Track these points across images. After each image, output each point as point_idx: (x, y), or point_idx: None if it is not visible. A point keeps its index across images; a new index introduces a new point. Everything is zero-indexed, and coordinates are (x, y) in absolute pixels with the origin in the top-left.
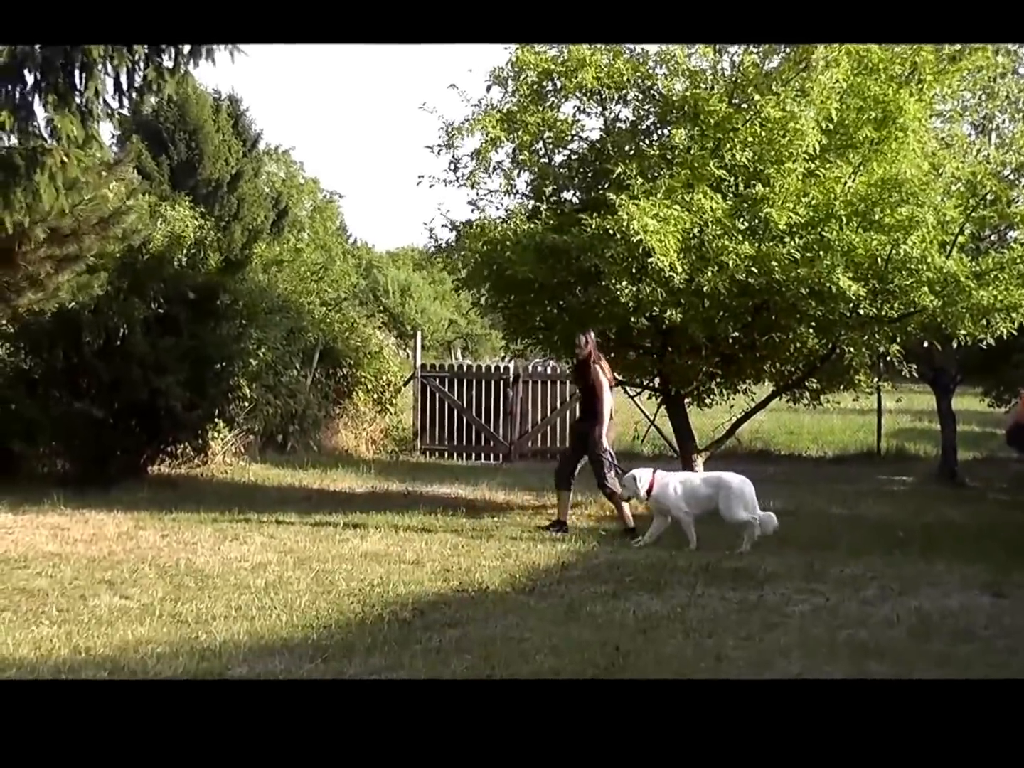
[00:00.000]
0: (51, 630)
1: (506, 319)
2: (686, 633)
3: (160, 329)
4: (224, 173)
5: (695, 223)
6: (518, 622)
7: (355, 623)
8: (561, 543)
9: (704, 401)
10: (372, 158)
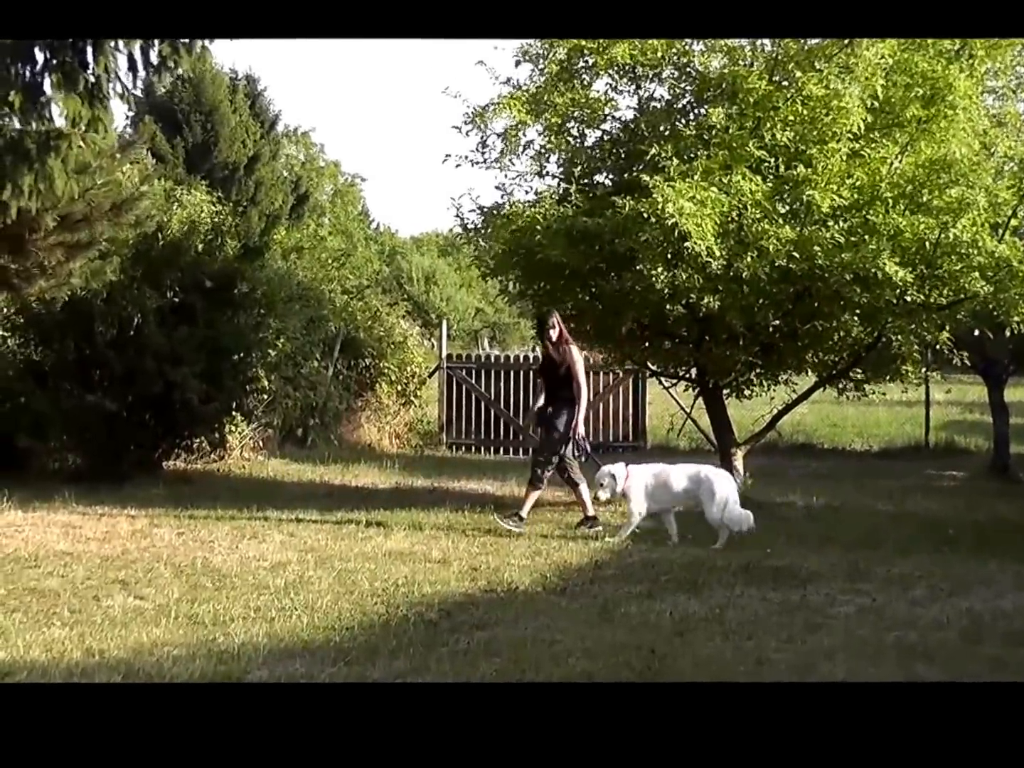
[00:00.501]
0: (63, 632)
1: (536, 307)
2: (725, 635)
3: (175, 319)
4: (241, 156)
5: (733, 206)
6: (549, 623)
7: (379, 625)
8: (594, 541)
9: (743, 392)
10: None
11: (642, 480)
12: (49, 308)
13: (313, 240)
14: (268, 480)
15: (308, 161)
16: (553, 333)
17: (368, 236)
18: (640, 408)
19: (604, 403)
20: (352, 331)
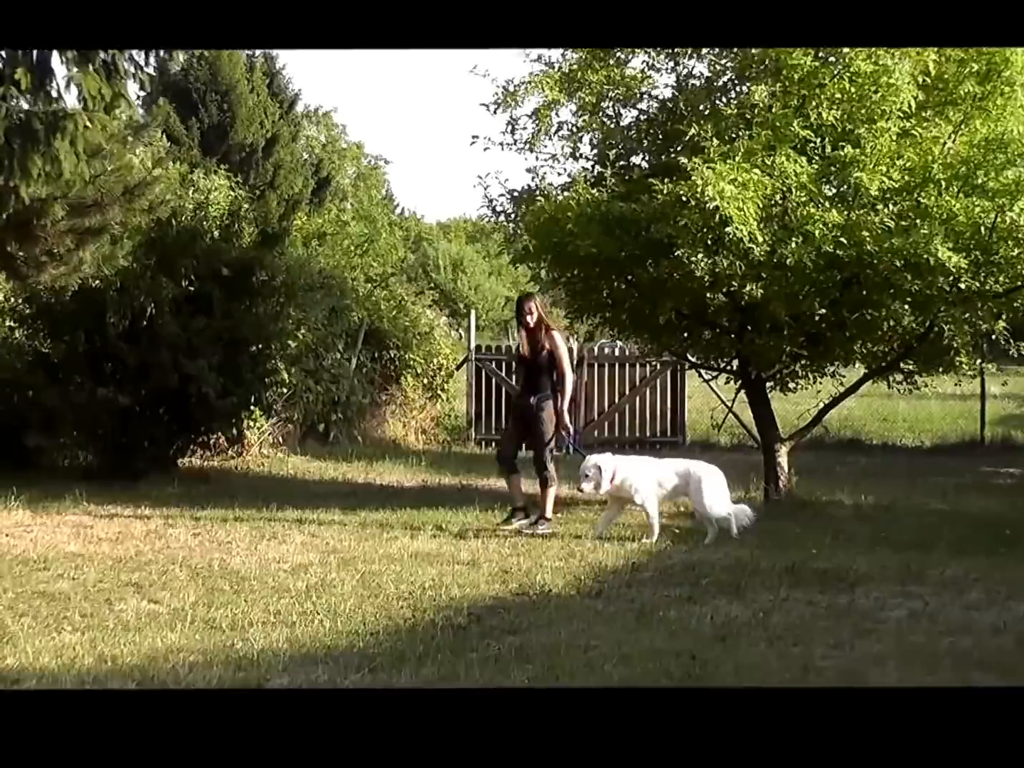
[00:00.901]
0: (74, 637)
1: (569, 296)
2: (769, 641)
3: (191, 309)
4: (259, 137)
5: (777, 189)
6: (584, 628)
7: (405, 630)
8: (631, 542)
9: (787, 385)
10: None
11: (639, 471)
12: (59, 298)
13: (335, 226)
14: (288, 478)
15: (329, 143)
16: (531, 319)
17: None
18: (679, 402)
19: (640, 397)
20: (376, 321)
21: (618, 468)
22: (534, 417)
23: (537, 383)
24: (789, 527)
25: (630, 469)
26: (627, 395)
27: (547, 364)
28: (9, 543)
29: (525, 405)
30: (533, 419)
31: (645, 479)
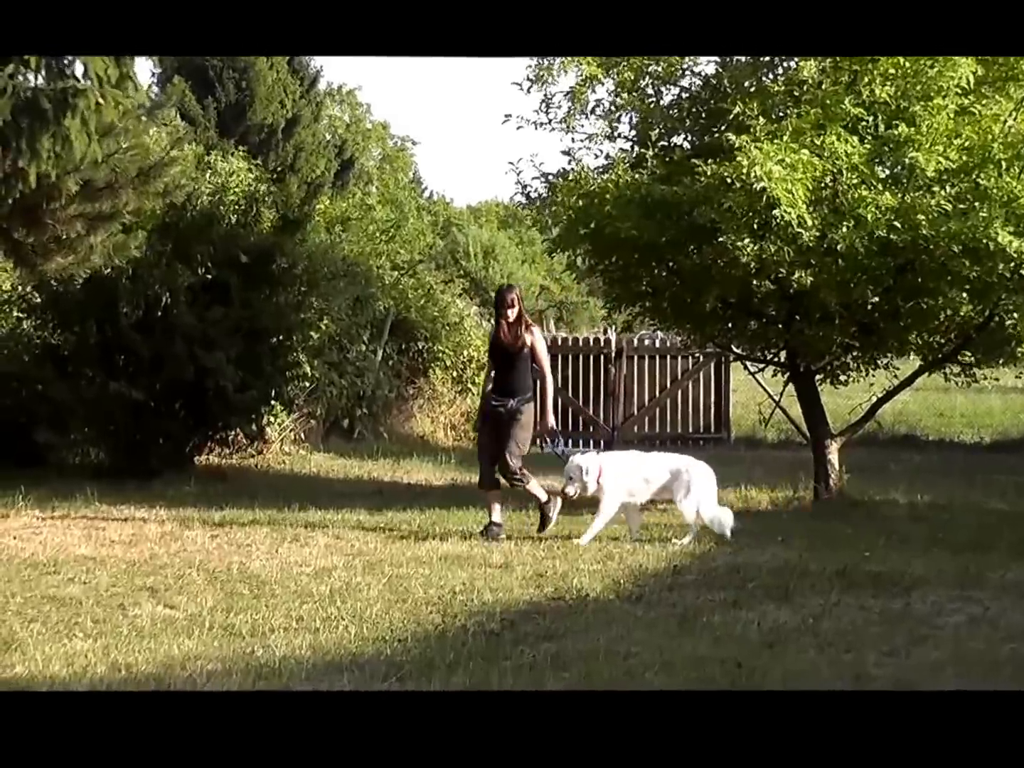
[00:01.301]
0: (86, 644)
1: (607, 284)
2: (819, 648)
3: (207, 298)
4: (279, 117)
5: (827, 170)
6: (623, 634)
7: (434, 636)
8: (671, 544)
9: (838, 378)
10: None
11: (617, 472)
12: (68, 287)
13: (359, 210)
14: (311, 476)
15: (353, 123)
16: (512, 312)
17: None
18: (723, 396)
19: (682, 391)
20: (403, 311)
21: (604, 467)
22: (512, 421)
23: (515, 382)
24: (840, 528)
25: (615, 467)
26: (668, 389)
27: (525, 361)
28: (17, 545)
29: (504, 408)
30: (510, 423)
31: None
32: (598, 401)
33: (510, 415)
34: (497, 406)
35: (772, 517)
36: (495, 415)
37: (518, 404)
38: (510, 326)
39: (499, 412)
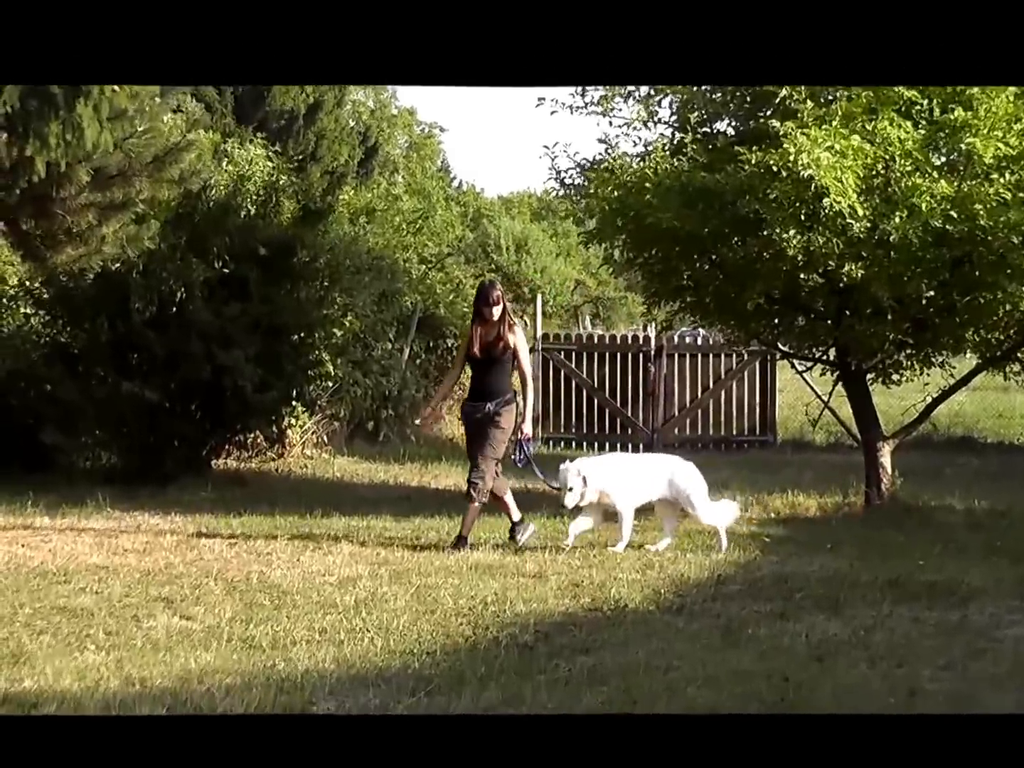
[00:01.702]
0: (98, 657)
1: (646, 278)
2: (871, 661)
3: (225, 293)
4: (300, 103)
5: (879, 157)
6: (664, 647)
7: (464, 649)
8: (715, 552)
9: (891, 377)
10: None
11: (619, 472)
12: (79, 281)
13: (385, 201)
14: (334, 481)
15: (378, 109)
16: (496, 310)
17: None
18: (768, 397)
19: (726, 391)
20: (431, 307)
21: (601, 471)
22: (491, 424)
23: (494, 385)
24: (893, 535)
25: (603, 472)
26: (710, 389)
27: (505, 363)
28: (25, 554)
29: (482, 412)
30: (489, 426)
31: (625, 480)
32: (636, 402)
33: (488, 418)
34: (474, 410)
35: (821, 524)
36: (473, 420)
37: (496, 407)
38: (491, 325)
39: (477, 416)
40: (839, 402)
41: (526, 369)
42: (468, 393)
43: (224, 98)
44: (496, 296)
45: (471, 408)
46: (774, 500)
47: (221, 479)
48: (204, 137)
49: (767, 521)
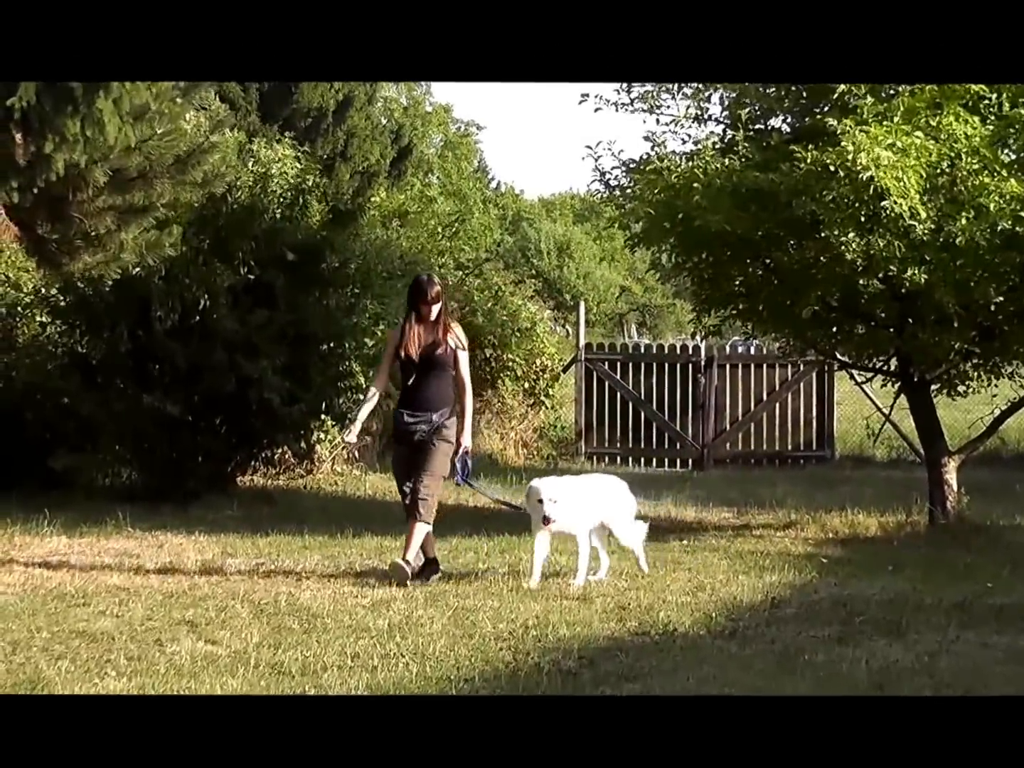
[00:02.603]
0: (119, 683)
1: (695, 284)
2: (936, 689)
3: (250, 300)
4: (328, 100)
5: (944, 154)
6: (716, 674)
7: (505, 675)
8: (770, 573)
9: (956, 389)
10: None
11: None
12: (97, 288)
13: (419, 203)
14: (366, 499)
15: (412, 106)
16: (435, 308)
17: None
18: (826, 410)
19: (780, 404)
20: (468, 315)
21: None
22: (437, 438)
23: (438, 394)
24: (958, 556)
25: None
26: (764, 402)
27: (448, 368)
28: (43, 575)
29: (427, 424)
30: (434, 441)
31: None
32: (685, 416)
33: (433, 431)
34: (415, 423)
35: (882, 544)
36: (410, 435)
37: (442, 419)
38: (431, 326)
39: (418, 429)
40: (901, 415)
41: (465, 375)
42: (402, 402)
43: (249, 95)
44: (436, 292)
45: (411, 420)
46: (832, 519)
47: (247, 497)
48: (228, 136)
49: (824, 541)
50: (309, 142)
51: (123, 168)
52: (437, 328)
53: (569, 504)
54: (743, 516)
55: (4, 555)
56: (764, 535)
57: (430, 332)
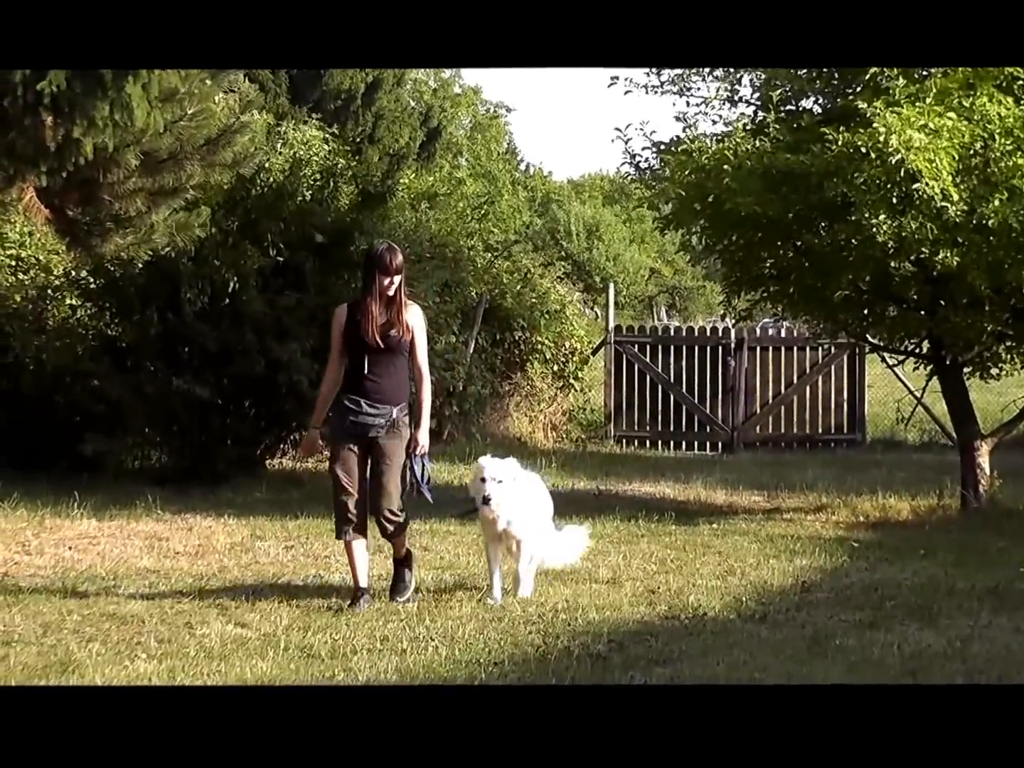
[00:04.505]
0: (149, 666)
1: (726, 266)
2: (968, 675)
3: (280, 283)
4: (358, 82)
5: (977, 136)
6: (746, 659)
7: (534, 659)
8: (800, 557)
9: (989, 371)
10: None
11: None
12: (127, 271)
13: (448, 185)
14: None
15: (441, 88)
16: (396, 281)
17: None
18: (857, 392)
19: (811, 386)
20: (497, 298)
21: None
22: (393, 436)
23: (395, 384)
24: (991, 540)
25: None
26: (795, 385)
27: (404, 353)
28: (73, 557)
29: (386, 419)
30: (390, 438)
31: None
32: (715, 399)
33: (390, 427)
34: (373, 417)
35: (913, 528)
36: (365, 430)
37: (400, 414)
38: (389, 304)
39: (373, 425)
40: (933, 398)
41: (423, 362)
42: (352, 389)
43: (278, 77)
44: (399, 263)
45: (373, 413)
46: (863, 502)
47: (276, 479)
48: (257, 119)
49: (855, 525)
50: (338, 124)
51: (154, 150)
52: (393, 306)
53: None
54: (773, 500)
55: (35, 537)
56: (794, 519)
57: (385, 311)
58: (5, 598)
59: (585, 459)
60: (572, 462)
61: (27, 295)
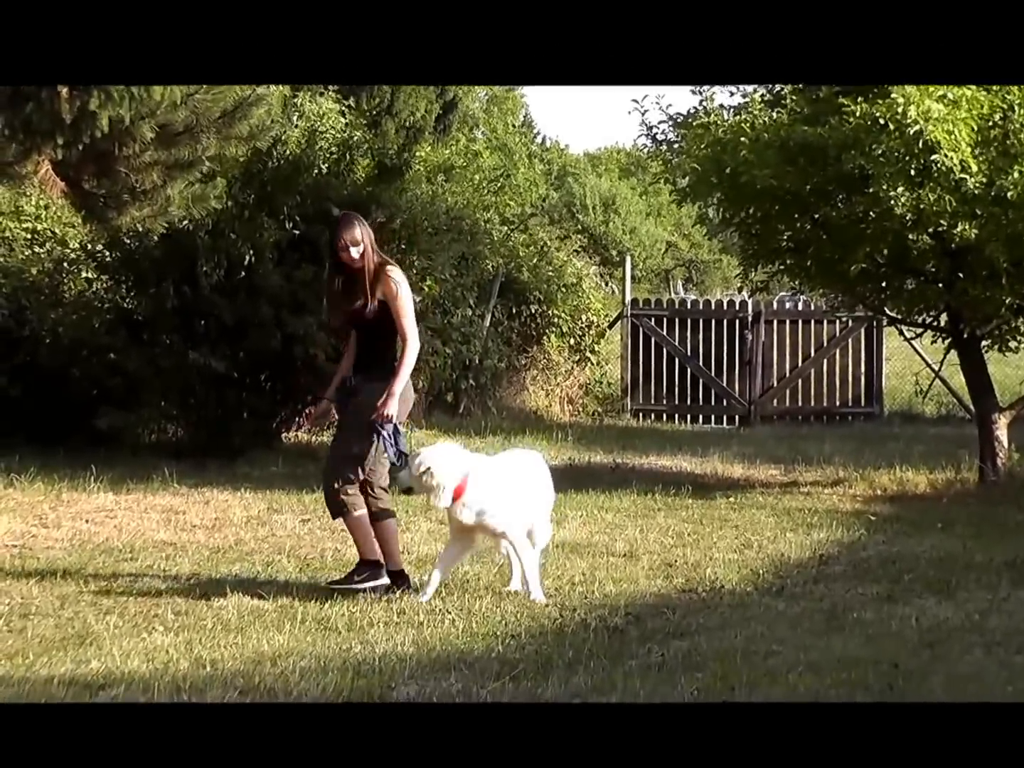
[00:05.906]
0: (167, 638)
1: (743, 239)
2: (987, 648)
3: (296, 256)
4: None
5: (996, 106)
6: (763, 631)
7: (551, 632)
8: (818, 530)
9: (1007, 344)
10: None
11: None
12: (143, 244)
13: (464, 158)
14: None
15: None
16: (355, 251)
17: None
18: (874, 366)
19: (828, 360)
20: (514, 271)
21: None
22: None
23: (368, 356)
24: (1009, 513)
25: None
26: (812, 358)
27: (380, 323)
28: (90, 530)
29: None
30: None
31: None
32: (732, 372)
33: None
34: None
35: (931, 501)
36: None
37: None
38: (352, 274)
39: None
40: (951, 371)
41: (404, 326)
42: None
43: None
44: (354, 235)
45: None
46: (881, 476)
47: (292, 453)
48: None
49: (873, 498)
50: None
51: (169, 122)
52: (361, 277)
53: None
54: (790, 473)
55: (52, 511)
56: (812, 492)
57: (356, 283)
58: (23, 571)
59: (602, 432)
60: (588, 436)
61: (43, 268)
